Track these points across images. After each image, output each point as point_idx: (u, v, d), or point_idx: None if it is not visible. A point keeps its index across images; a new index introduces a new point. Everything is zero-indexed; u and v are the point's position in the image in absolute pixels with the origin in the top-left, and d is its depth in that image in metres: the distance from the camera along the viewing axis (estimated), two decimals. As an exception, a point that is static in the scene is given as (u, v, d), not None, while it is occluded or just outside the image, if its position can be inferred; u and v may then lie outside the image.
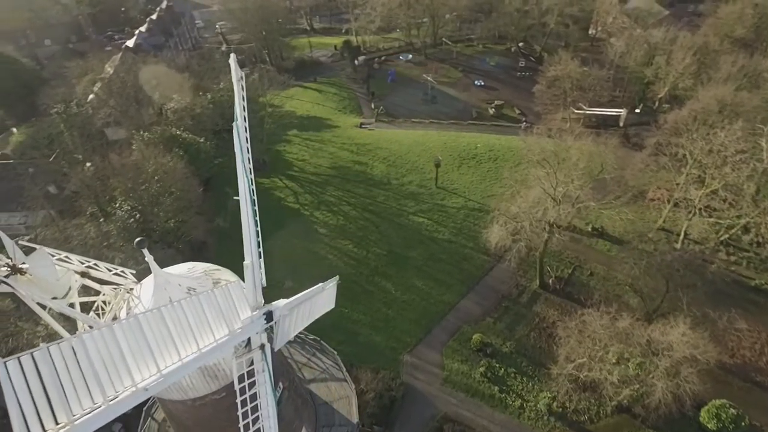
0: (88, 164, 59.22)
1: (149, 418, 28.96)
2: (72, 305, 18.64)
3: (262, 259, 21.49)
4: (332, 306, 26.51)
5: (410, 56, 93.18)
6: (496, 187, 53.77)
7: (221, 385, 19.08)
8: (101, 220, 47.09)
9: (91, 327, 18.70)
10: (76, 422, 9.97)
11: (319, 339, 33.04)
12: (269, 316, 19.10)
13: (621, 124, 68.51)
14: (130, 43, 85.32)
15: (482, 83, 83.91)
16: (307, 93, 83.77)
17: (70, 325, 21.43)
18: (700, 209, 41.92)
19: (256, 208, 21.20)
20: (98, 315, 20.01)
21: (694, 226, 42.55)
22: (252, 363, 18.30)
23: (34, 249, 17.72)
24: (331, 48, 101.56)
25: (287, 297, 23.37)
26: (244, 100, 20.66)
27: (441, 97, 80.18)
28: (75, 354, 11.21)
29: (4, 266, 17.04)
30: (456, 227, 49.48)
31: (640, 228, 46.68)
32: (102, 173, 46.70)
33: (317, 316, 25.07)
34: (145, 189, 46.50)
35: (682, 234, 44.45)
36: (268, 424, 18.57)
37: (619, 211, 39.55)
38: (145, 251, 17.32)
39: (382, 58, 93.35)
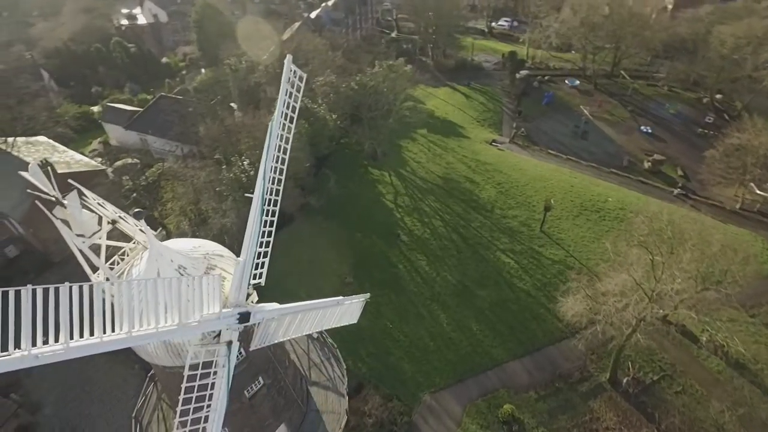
0: (239, 114, 66.44)
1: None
2: (97, 247, 20.91)
3: (267, 259, 21.46)
4: (354, 321, 25.75)
5: (577, 82, 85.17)
6: (614, 249, 46.71)
7: (185, 364, 19.80)
8: (223, 167, 52.52)
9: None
10: None
11: (336, 346, 32.74)
12: (245, 316, 18.96)
13: (813, 223, 54.09)
14: (313, 14, 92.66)
15: (649, 130, 73.14)
16: (454, 95, 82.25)
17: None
18: None
19: (276, 208, 21.13)
20: (122, 260, 22.19)
21: None
22: (216, 355, 18.54)
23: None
24: (499, 55, 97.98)
25: (346, 292, 22.94)
26: (297, 102, 20.48)
27: (593, 135, 72.12)
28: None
29: (53, 197, 19.72)
30: (542, 281, 44.47)
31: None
32: (232, 127, 51.56)
33: (329, 327, 24.57)
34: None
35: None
36: (213, 417, 18.54)
37: (741, 332, 31.27)
38: (143, 222, 18.50)
39: (546, 77, 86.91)
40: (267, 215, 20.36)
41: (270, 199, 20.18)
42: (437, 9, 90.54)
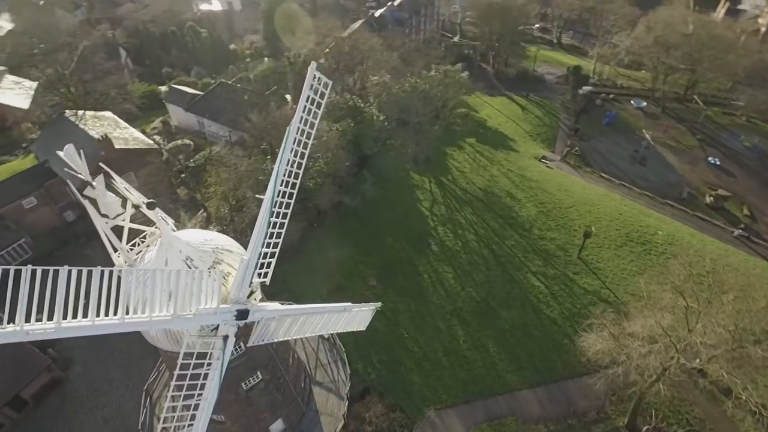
0: (293, 106, 67.87)
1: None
2: (120, 228, 22.07)
3: (274, 260, 21.53)
4: (362, 328, 25.88)
5: (644, 104, 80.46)
6: (647, 289, 43.94)
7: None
8: (268, 157, 53.94)
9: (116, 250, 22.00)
10: None
11: (344, 350, 32.88)
12: (243, 314, 19.29)
13: None
14: (378, 12, 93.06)
15: (718, 162, 68.04)
16: (510, 106, 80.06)
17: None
18: None
19: (288, 211, 21.23)
20: (142, 242, 23.29)
21: None
22: (211, 347, 19.04)
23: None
24: (564, 68, 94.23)
25: (367, 294, 21.34)
26: (319, 108, 20.56)
27: (653, 161, 68.00)
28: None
29: (84, 179, 20.98)
30: (571, 310, 42.53)
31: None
32: (279, 119, 52.68)
33: (335, 332, 24.71)
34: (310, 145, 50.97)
35: None
36: (203, 405, 19.05)
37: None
38: (157, 210, 19.34)
39: (610, 95, 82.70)
40: (278, 217, 20.41)
41: (281, 202, 20.22)
42: (504, 16, 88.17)
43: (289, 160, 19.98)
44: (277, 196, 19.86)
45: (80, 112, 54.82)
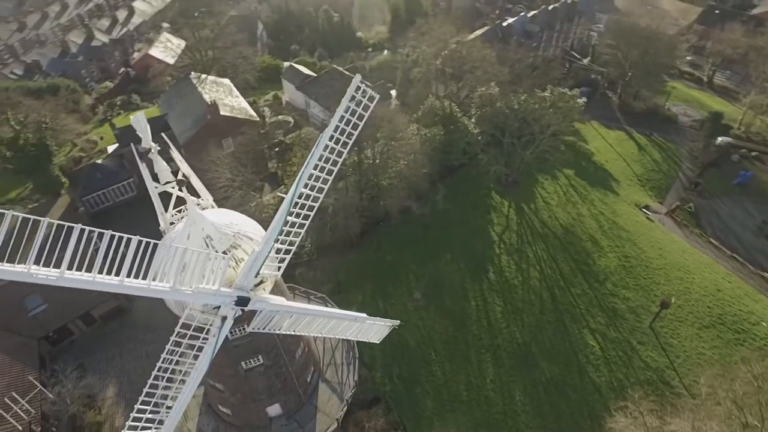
0: (396, 102, 68.83)
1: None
2: (167, 194, 24.25)
3: (288, 256, 22.06)
4: (376, 341, 26.13)
5: (793, 169, 68.53)
6: (720, 380, 37.82)
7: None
8: (355, 148, 55.11)
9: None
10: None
11: (358, 357, 32.86)
12: (243, 301, 20.19)
13: None
14: (507, 21, 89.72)
15: None
16: (626, 143, 72.90)
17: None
18: None
19: (310, 213, 21.62)
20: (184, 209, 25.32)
21: None
22: (209, 324, 20.30)
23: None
24: (705, 111, 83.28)
25: (408, 306, 21.15)
26: (360, 120, 20.63)
27: (786, 238, 57.87)
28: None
29: (144, 145, 23.29)
30: (621, 383, 38.14)
31: None
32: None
33: (345, 337, 25.12)
34: (395, 145, 51.17)
35: None
36: (194, 375, 20.42)
37: None
38: (185, 190, 20.83)
39: (753, 153, 71.43)
40: (297, 217, 20.69)
41: (303, 204, 20.47)
42: (647, 45, 79.64)
43: (317, 165, 20.18)
44: (298, 198, 20.19)
45: (203, 76, 60.58)
